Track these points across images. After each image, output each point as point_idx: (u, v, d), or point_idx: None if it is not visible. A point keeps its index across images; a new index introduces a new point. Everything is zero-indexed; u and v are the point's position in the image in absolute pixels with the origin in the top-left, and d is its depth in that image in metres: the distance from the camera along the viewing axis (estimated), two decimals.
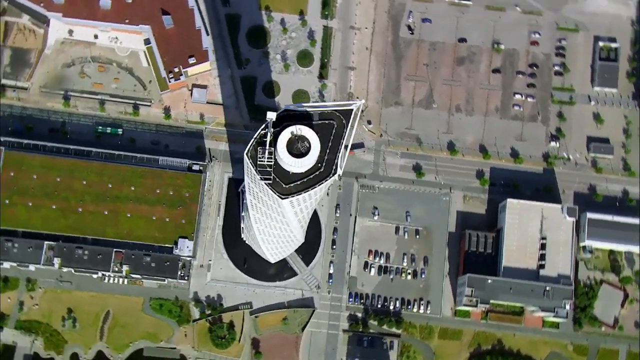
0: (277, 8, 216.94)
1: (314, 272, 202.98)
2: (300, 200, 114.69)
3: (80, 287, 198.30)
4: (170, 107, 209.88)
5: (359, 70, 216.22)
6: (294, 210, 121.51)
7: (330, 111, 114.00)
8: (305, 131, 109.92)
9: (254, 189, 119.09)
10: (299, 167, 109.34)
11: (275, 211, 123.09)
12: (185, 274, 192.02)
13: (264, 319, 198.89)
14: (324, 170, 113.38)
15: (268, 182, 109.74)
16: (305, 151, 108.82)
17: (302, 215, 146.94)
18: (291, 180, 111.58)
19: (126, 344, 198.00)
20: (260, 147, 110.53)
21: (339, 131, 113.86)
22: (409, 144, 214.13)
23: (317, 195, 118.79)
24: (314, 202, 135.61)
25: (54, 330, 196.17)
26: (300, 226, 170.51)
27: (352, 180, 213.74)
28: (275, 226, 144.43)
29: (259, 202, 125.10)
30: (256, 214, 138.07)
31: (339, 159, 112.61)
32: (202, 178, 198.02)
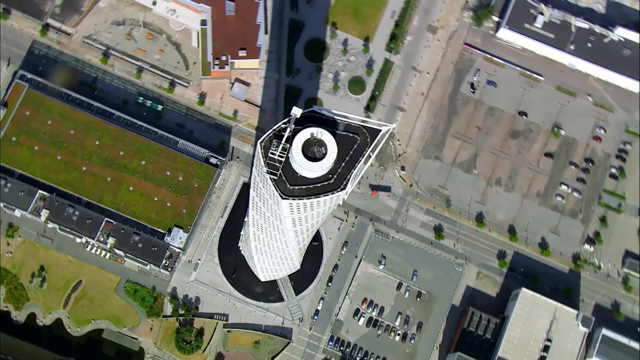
0: (344, 27, 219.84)
1: (302, 303, 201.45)
2: (300, 207, 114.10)
3: (60, 248, 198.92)
4: (206, 94, 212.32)
5: (408, 113, 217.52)
6: (292, 218, 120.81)
7: (358, 125, 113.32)
8: (326, 137, 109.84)
9: (258, 184, 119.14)
10: (309, 170, 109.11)
11: (275, 215, 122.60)
12: (170, 265, 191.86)
13: (235, 336, 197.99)
14: (333, 183, 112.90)
15: (273, 177, 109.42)
16: (320, 157, 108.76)
17: (302, 231, 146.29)
18: (297, 182, 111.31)
19: (88, 320, 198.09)
20: (276, 140, 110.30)
21: (361, 148, 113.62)
22: (437, 202, 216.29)
23: (318, 208, 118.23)
24: (314, 220, 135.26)
25: (20, 284, 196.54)
26: (299, 248, 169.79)
27: (367, 221, 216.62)
28: (272, 234, 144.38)
29: (261, 200, 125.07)
30: (255, 215, 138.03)
31: (352, 176, 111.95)
32: (217, 173, 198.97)
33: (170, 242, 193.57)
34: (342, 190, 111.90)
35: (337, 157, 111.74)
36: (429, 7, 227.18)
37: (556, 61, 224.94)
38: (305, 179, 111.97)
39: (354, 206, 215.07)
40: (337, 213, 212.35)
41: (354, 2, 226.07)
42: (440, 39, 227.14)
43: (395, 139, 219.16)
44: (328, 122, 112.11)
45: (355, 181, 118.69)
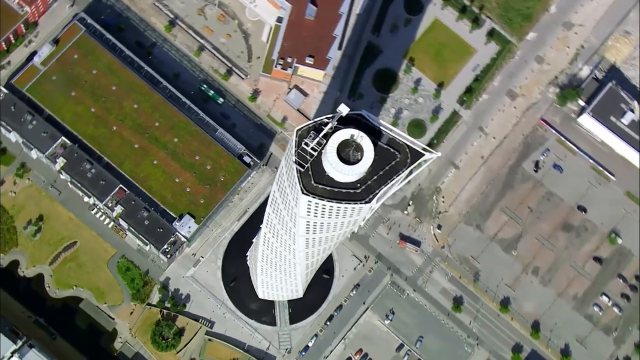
0: (421, 66, 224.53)
1: (294, 334, 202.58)
2: (318, 211, 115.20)
3: (65, 202, 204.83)
4: (261, 92, 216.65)
5: (462, 172, 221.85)
6: (308, 225, 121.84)
7: (402, 143, 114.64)
8: (366, 142, 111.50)
9: (283, 175, 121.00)
10: (339, 172, 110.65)
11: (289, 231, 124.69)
12: (171, 252, 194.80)
13: (215, 347, 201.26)
14: (359, 193, 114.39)
15: (300, 168, 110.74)
16: (354, 161, 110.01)
17: (312, 254, 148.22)
18: (323, 182, 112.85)
19: (70, 285, 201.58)
20: (314, 132, 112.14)
21: (398, 167, 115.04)
22: (465, 273, 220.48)
23: (335, 219, 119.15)
24: (329, 239, 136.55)
25: (13, 227, 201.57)
26: (306, 273, 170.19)
27: (386, 271, 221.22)
28: (282, 254, 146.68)
29: (280, 195, 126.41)
30: (270, 214, 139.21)
31: (381, 193, 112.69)
32: (247, 173, 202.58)
33: (178, 229, 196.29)
34: (366, 204, 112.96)
35: (371, 168, 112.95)
36: (515, 71, 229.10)
37: (634, 165, 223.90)
38: (332, 180, 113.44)
39: (377, 250, 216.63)
40: (357, 251, 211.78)
41: (439, 43, 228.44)
42: (518, 107, 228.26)
43: (440, 194, 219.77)
44: (372, 130, 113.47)
45: (381, 200, 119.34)
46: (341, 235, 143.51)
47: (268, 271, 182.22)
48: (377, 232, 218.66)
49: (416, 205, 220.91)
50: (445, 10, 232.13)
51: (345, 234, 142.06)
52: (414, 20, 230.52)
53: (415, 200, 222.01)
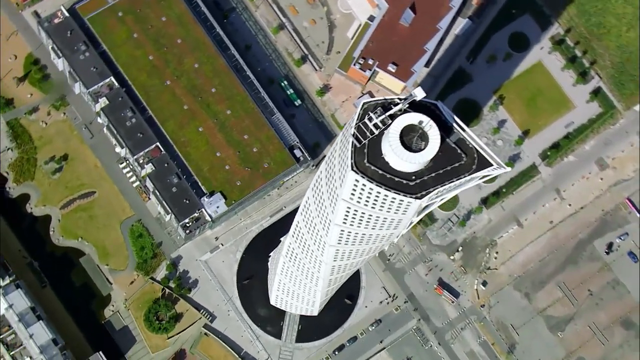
0: (510, 107, 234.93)
1: (296, 353, 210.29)
2: (363, 195, 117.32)
3: (95, 148, 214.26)
4: (331, 88, 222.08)
5: (524, 232, 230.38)
6: (347, 209, 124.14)
7: (473, 147, 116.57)
8: (433, 133, 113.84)
9: (335, 152, 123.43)
10: (397, 156, 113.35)
11: (333, 196, 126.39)
12: (191, 229, 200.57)
13: (209, 343, 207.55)
14: (411, 186, 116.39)
15: (357, 143, 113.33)
16: (416, 150, 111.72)
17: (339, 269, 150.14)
18: (376, 164, 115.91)
19: (76, 235, 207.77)
20: (381, 109, 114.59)
21: (460, 170, 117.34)
22: (500, 341, 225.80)
23: (378, 214, 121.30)
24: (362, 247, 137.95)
25: (34, 159, 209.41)
26: (327, 291, 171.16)
27: (414, 314, 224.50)
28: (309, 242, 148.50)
29: (326, 176, 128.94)
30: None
31: (434, 192, 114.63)
32: (293, 167, 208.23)
33: (205, 205, 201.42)
34: (417, 200, 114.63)
35: (431, 163, 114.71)
36: (613, 140, 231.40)
37: None
38: (386, 165, 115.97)
39: (410, 290, 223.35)
40: (388, 285, 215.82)
41: (536, 89, 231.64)
42: (605, 179, 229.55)
43: (494, 249, 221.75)
44: (443, 124, 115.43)
45: (430, 206, 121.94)
46: (373, 249, 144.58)
47: (287, 277, 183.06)
48: (415, 270, 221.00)
49: (465, 253, 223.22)
50: (552, 55, 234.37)
51: (377, 247, 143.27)
52: (515, 57, 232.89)
53: (465, 248, 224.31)
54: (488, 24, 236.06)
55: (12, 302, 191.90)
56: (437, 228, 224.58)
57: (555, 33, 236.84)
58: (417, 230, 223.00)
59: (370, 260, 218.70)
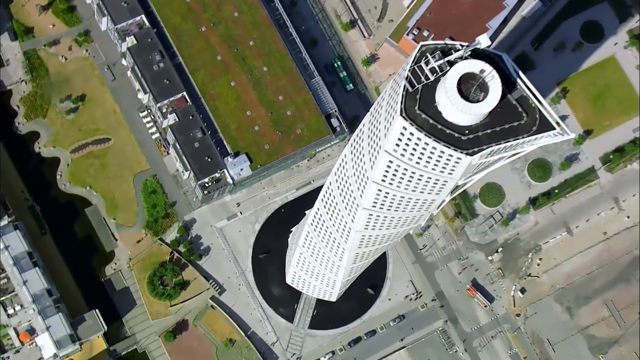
0: (572, 103, 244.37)
1: (308, 340, 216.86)
2: (409, 146, 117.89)
3: (116, 92, 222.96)
4: (378, 59, 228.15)
5: (573, 240, 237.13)
6: (389, 164, 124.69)
7: (535, 107, 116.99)
8: (495, 85, 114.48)
9: (384, 99, 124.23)
10: (451, 105, 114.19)
11: (375, 147, 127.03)
12: (210, 190, 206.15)
13: (214, 317, 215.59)
14: (462, 142, 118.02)
15: (409, 87, 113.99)
16: (472, 100, 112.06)
17: (368, 242, 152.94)
18: (428, 112, 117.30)
19: (85, 183, 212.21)
20: (440, 54, 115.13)
21: (519, 130, 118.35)
22: (533, 356, 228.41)
23: (422, 172, 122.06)
24: (399, 215, 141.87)
25: (48, 95, 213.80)
26: (353, 262, 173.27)
27: (442, 314, 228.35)
28: (340, 205, 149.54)
29: (370, 127, 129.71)
30: (345, 159, 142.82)
31: (487, 151, 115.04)
32: (328, 138, 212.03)
33: (228, 166, 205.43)
34: (468, 156, 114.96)
35: (488, 119, 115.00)
36: None
37: None
38: (438, 115, 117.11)
39: (440, 287, 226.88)
40: (416, 279, 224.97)
41: (605, 85, 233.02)
42: None
43: (537, 255, 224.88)
44: (506, 79, 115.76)
45: (479, 172, 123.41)
46: (407, 221, 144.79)
47: (310, 249, 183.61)
48: (448, 267, 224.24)
49: (505, 255, 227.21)
50: (628, 50, 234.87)
51: (410, 220, 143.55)
52: (586, 48, 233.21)
53: (506, 249, 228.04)
54: (560, 9, 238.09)
55: (8, 244, 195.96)
56: (478, 224, 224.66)
57: (635, 26, 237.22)
58: (455, 224, 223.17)
59: (400, 250, 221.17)
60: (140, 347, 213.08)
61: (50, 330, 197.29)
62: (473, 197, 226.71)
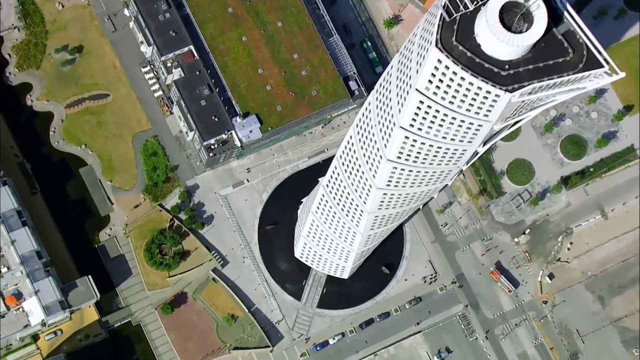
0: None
1: (316, 320, 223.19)
2: (443, 82, 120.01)
3: (117, 44, 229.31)
4: (402, 21, 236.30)
5: (608, 225, 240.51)
6: (420, 104, 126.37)
7: (583, 42, 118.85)
8: (540, 14, 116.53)
9: (417, 34, 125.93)
10: (492, 35, 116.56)
11: (401, 93, 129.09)
12: (216, 152, 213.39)
13: (215, 290, 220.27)
14: (501, 77, 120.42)
15: (446, 16, 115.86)
16: (515, 31, 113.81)
17: (394, 189, 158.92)
18: (465, 44, 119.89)
19: (79, 142, 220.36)
20: None
21: (563, 67, 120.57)
22: (560, 347, 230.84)
23: (455, 114, 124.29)
24: (426, 168, 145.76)
25: (43, 45, 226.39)
26: (370, 228, 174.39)
27: (462, 298, 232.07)
28: (361, 160, 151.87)
29: (400, 66, 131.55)
30: (369, 107, 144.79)
31: (529, 88, 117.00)
32: (345, 101, 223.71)
33: (236, 127, 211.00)
34: (507, 93, 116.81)
35: (530, 53, 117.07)
36: None
37: None
38: (477, 47, 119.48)
39: (461, 269, 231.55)
40: (436, 260, 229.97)
41: None
42: None
43: (568, 238, 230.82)
44: (552, 11, 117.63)
45: (521, 114, 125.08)
46: (433, 179, 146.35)
47: (323, 215, 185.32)
48: (470, 247, 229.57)
49: (533, 237, 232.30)
50: None
51: (436, 178, 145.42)
52: (630, 17, 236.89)
53: (534, 231, 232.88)
54: None
55: None
56: (504, 203, 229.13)
57: None
58: (479, 201, 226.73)
59: (419, 228, 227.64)
60: (135, 319, 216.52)
61: (39, 294, 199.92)
62: (500, 174, 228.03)
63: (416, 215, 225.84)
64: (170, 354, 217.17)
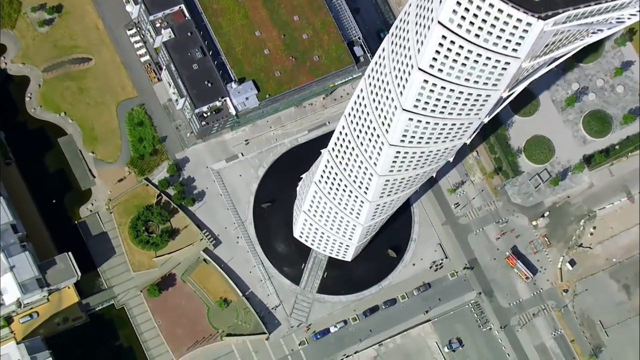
0: None
1: (316, 306, 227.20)
2: (468, 14, 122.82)
3: (100, 5, 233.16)
4: None
5: (634, 208, 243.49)
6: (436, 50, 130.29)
7: None
8: None
9: None
10: None
11: (420, 32, 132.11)
12: (208, 121, 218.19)
13: (206, 272, 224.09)
14: (533, 3, 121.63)
15: None
16: None
17: (409, 146, 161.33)
18: None
19: (58, 109, 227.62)
20: None
21: None
22: (582, 341, 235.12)
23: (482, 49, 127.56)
24: (444, 119, 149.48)
25: (18, 2, 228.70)
26: (380, 195, 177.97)
27: (475, 285, 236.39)
28: (373, 115, 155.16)
29: (420, 1, 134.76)
30: (383, 53, 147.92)
31: (563, 15, 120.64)
32: (350, 68, 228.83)
33: (231, 94, 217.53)
34: (540, 20, 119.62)
35: None
36: None
37: None
38: None
39: (473, 254, 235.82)
40: (446, 243, 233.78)
41: None
42: None
43: (591, 222, 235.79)
44: None
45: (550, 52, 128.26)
46: (453, 131, 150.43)
47: (328, 184, 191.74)
48: (484, 230, 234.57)
49: (552, 220, 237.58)
50: None
51: (459, 129, 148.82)
52: None
53: (553, 214, 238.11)
54: None
55: None
56: (521, 183, 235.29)
57: None
58: (494, 181, 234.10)
59: (428, 209, 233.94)
60: (118, 302, 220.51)
61: (15, 270, 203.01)
62: (517, 151, 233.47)
63: (425, 195, 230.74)
64: (156, 340, 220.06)
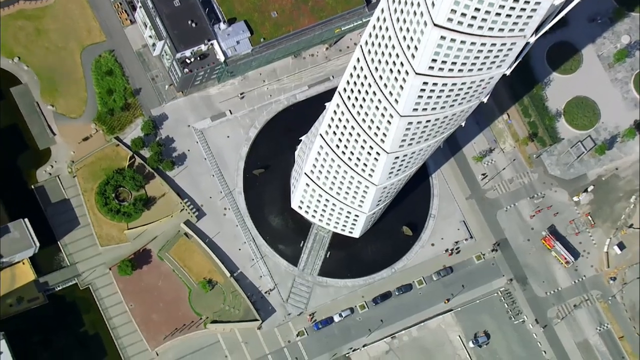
0: None
1: (317, 291, 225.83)
2: None
3: None
4: None
5: None
6: None
7: None
8: None
9: None
10: None
11: None
12: (192, 68, 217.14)
13: (187, 248, 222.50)
14: None
15: None
16: None
17: (431, 93, 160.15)
18: None
19: (11, 53, 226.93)
20: None
21: None
22: (632, 336, 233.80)
23: None
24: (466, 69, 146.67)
25: None
26: (394, 158, 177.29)
27: (506, 271, 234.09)
28: (385, 59, 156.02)
29: None
30: None
31: None
32: (357, 10, 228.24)
33: (219, 36, 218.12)
34: None
35: None
36: None
37: None
38: None
39: (504, 233, 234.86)
40: (472, 221, 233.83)
41: None
42: None
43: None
44: None
45: None
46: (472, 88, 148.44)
47: (334, 140, 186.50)
48: (516, 207, 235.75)
49: (598, 196, 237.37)
50: None
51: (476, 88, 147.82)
52: None
53: (599, 189, 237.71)
54: None
55: None
56: (560, 152, 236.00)
57: None
58: (529, 149, 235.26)
59: (450, 180, 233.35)
60: (83, 282, 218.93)
61: None
62: (556, 115, 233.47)
63: (447, 164, 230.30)
64: (128, 327, 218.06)
